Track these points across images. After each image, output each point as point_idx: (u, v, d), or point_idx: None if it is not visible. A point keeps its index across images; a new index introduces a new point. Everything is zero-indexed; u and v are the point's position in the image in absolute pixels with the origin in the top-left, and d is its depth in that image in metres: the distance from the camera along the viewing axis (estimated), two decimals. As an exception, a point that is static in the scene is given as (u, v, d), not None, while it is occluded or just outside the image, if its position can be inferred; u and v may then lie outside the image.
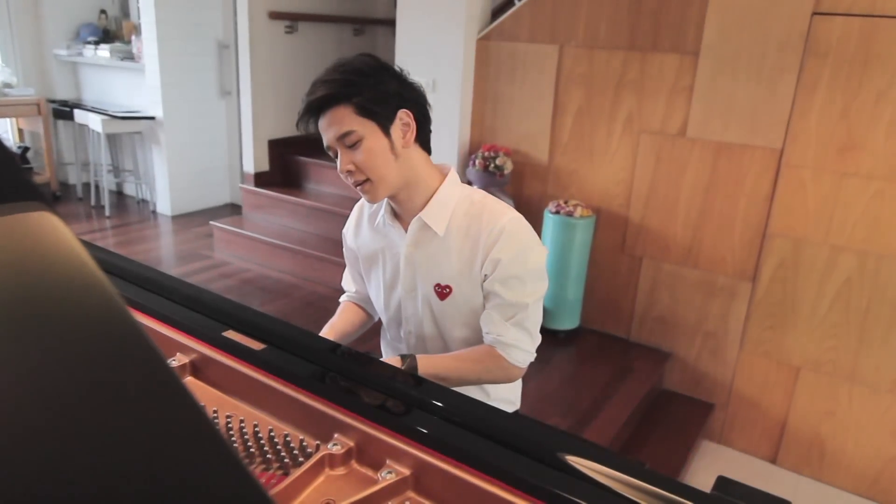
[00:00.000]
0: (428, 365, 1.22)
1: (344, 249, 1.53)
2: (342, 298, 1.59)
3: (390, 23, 4.37)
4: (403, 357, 1.21)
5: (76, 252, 0.39)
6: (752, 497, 0.70)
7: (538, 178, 3.23)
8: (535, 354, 1.32)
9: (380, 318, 1.53)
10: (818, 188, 2.54)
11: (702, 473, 2.75)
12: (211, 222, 4.40)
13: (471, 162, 3.19)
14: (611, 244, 3.10)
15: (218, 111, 5.17)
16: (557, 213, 2.96)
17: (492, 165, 3.10)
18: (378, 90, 1.19)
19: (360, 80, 1.17)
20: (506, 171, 3.12)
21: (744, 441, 2.95)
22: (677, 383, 3.08)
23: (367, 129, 1.18)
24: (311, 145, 4.65)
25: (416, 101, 1.24)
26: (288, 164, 4.55)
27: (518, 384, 1.47)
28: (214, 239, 4.39)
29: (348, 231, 1.48)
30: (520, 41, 3.12)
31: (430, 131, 1.28)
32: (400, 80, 1.23)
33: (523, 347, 1.29)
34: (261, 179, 4.47)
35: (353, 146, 1.19)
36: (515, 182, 3.26)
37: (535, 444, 0.82)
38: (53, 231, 0.39)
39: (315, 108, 1.20)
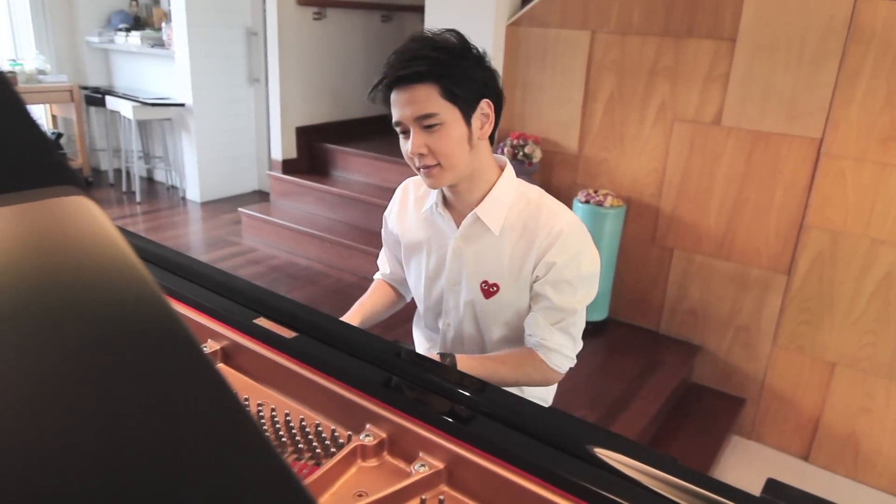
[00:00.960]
0: (467, 366, 1.19)
1: (383, 231, 1.48)
2: (376, 276, 1.55)
3: (419, 9, 4.33)
4: (443, 356, 1.19)
5: (112, 237, 0.38)
6: (803, 501, 0.67)
7: (568, 167, 3.18)
8: (575, 360, 1.29)
9: (412, 303, 1.50)
10: (859, 179, 2.46)
11: (732, 470, 2.70)
12: (239, 209, 4.43)
13: (499, 150, 3.15)
14: (641, 235, 3.05)
15: (246, 98, 5.20)
16: (587, 202, 2.92)
17: (520, 154, 3.06)
18: (467, 75, 1.14)
19: (452, 61, 1.12)
20: (535, 160, 3.08)
21: (775, 437, 2.89)
22: (707, 377, 3.02)
23: (449, 115, 1.13)
24: (339, 133, 4.66)
25: (497, 91, 1.20)
26: (316, 152, 4.56)
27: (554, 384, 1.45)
28: (242, 226, 4.42)
29: (391, 214, 1.44)
30: (550, 27, 3.06)
31: (500, 119, 1.24)
32: (484, 66, 1.17)
33: (565, 353, 1.26)
34: (288, 167, 4.48)
35: (431, 128, 1.14)
36: (544, 171, 3.22)
37: (571, 438, 0.80)
38: (89, 215, 0.38)
39: (398, 81, 1.13)
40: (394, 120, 1.18)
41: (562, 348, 1.25)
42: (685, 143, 2.83)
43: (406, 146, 1.18)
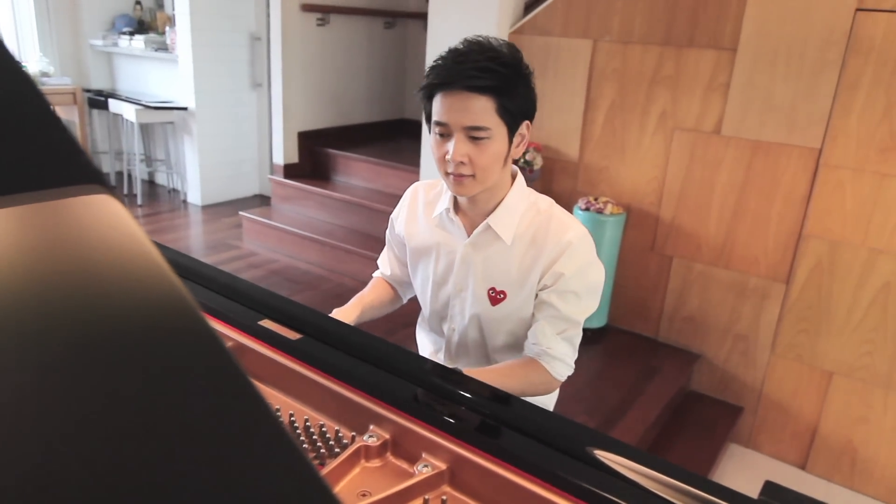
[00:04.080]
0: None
1: (388, 233, 1.49)
2: (375, 274, 1.55)
3: (422, 16, 4.37)
4: (450, 371, 1.20)
5: (137, 236, 0.39)
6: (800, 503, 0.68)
7: (568, 175, 3.20)
8: (573, 368, 1.30)
9: (414, 305, 1.51)
10: (857, 189, 2.48)
11: (729, 477, 2.71)
12: (240, 213, 4.45)
13: (500, 157, 3.17)
14: (641, 243, 3.06)
15: (249, 103, 5.22)
16: (587, 209, 2.94)
17: (521, 161, 3.08)
18: (522, 96, 1.16)
19: (515, 79, 1.14)
20: (535, 167, 3.09)
21: (773, 446, 2.90)
22: (706, 385, 3.03)
23: (497, 130, 1.15)
24: (340, 138, 4.68)
25: (535, 110, 1.22)
26: (317, 157, 4.58)
27: (555, 391, 1.46)
28: (243, 229, 4.43)
29: (398, 217, 1.44)
30: (553, 35, 3.09)
31: None
32: (532, 86, 1.19)
33: (567, 361, 1.28)
34: (290, 171, 4.50)
35: (477, 140, 1.14)
36: (545, 178, 3.23)
37: (573, 441, 0.81)
38: (115, 214, 0.39)
39: (458, 86, 1.12)
40: (437, 119, 1.17)
41: (565, 357, 1.27)
42: (685, 152, 2.85)
43: (444, 147, 1.17)
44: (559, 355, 1.25)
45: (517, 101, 1.15)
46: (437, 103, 1.16)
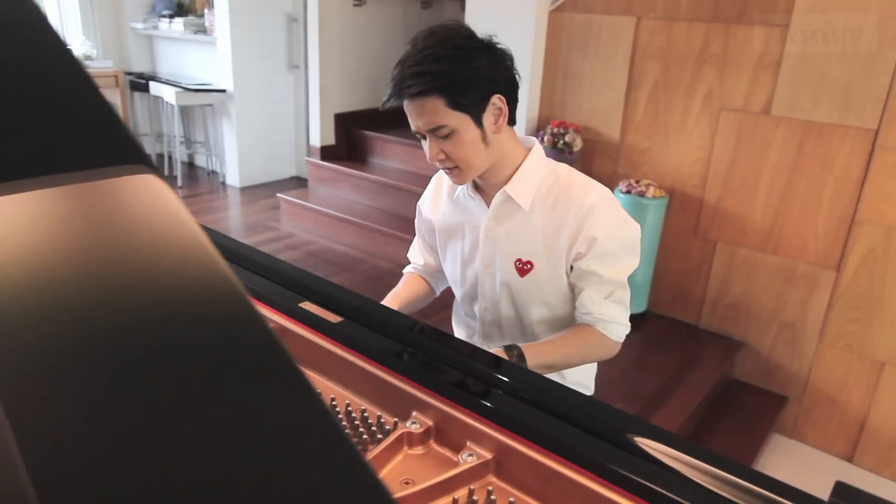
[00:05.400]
0: (536, 354, 1.19)
1: (417, 221, 1.49)
2: (406, 270, 1.55)
3: (459, -5, 4.30)
4: (509, 348, 1.18)
5: (183, 218, 0.37)
6: (874, 506, 0.64)
7: (609, 157, 3.12)
8: (630, 326, 1.29)
9: (449, 293, 1.50)
10: (917, 172, 2.36)
11: (772, 469, 2.64)
12: (278, 194, 4.48)
13: (540, 138, 3.11)
14: (683, 227, 2.98)
15: (286, 85, 5.23)
16: (628, 192, 2.87)
17: (560, 142, 3.02)
18: (470, 80, 1.12)
19: (452, 69, 1.11)
20: (575, 149, 3.03)
21: (818, 437, 2.82)
22: (749, 374, 2.96)
23: (459, 122, 1.13)
24: (377, 120, 4.65)
25: (508, 80, 1.18)
26: (354, 139, 4.57)
27: (593, 368, 1.43)
28: (281, 211, 4.47)
29: (424, 203, 1.45)
30: (594, 13, 3.00)
31: (517, 101, 1.22)
32: (491, 56, 1.15)
33: (622, 321, 1.27)
34: (326, 153, 4.50)
35: (444, 137, 1.15)
36: (585, 160, 3.17)
37: (618, 429, 0.78)
38: (160, 195, 0.38)
39: (402, 96, 1.15)
40: (412, 128, 1.20)
41: (618, 318, 1.26)
42: (732, 133, 2.75)
43: (425, 149, 1.21)
44: (612, 318, 1.25)
45: (467, 89, 1.12)
46: (406, 112, 1.18)
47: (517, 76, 1.20)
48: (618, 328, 1.26)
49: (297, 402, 0.32)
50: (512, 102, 1.19)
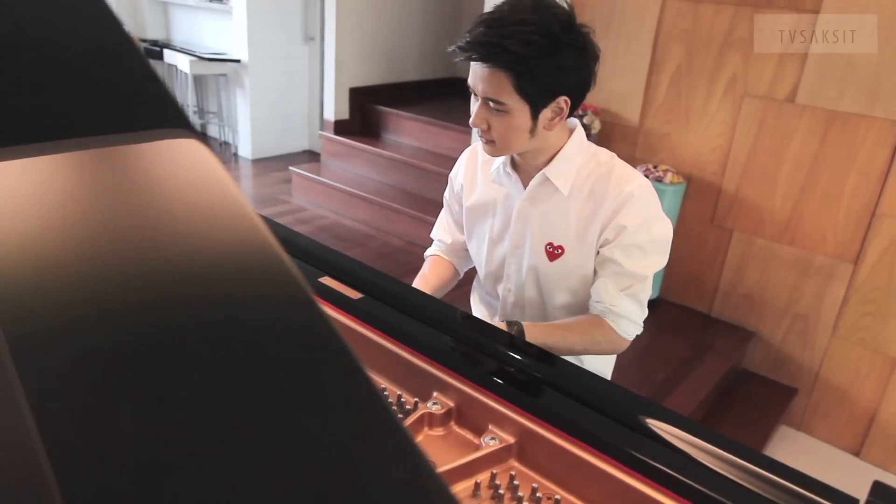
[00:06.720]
0: (536, 333, 1.16)
1: (446, 193, 1.44)
2: (428, 253, 1.51)
3: (480, -30, 4.22)
4: (510, 323, 1.16)
5: (224, 182, 0.35)
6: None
7: (627, 140, 3.08)
8: (642, 327, 1.25)
9: (470, 270, 1.47)
10: (943, 167, 2.32)
11: (779, 459, 2.63)
12: (290, 168, 4.46)
13: (557, 120, 3.07)
14: (700, 214, 2.95)
15: (301, 56, 5.18)
16: (646, 177, 2.83)
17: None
18: (548, 75, 1.07)
19: (536, 58, 1.04)
20: (593, 131, 2.99)
21: (826, 430, 2.80)
22: (759, 364, 2.94)
23: (516, 105, 1.09)
24: (392, 95, 4.61)
25: (581, 82, 1.12)
26: (368, 114, 4.53)
27: (612, 357, 1.41)
28: (293, 184, 4.45)
29: (457, 175, 1.40)
30: (619, -7, 2.94)
31: (582, 102, 1.16)
32: (578, 57, 1.09)
33: (634, 319, 1.22)
34: (340, 127, 4.47)
35: (497, 111, 1.10)
36: (602, 143, 3.12)
37: (643, 418, 0.76)
38: (201, 159, 0.36)
39: (475, 56, 1.08)
40: (468, 81, 1.14)
41: (631, 314, 1.21)
42: (754, 120, 2.71)
43: (472, 108, 1.16)
44: (624, 313, 1.20)
45: (542, 80, 1.07)
46: (471, 65, 1.12)
47: (594, 77, 1.14)
48: (628, 324, 1.22)
49: (351, 389, 0.30)
50: (576, 104, 1.14)
